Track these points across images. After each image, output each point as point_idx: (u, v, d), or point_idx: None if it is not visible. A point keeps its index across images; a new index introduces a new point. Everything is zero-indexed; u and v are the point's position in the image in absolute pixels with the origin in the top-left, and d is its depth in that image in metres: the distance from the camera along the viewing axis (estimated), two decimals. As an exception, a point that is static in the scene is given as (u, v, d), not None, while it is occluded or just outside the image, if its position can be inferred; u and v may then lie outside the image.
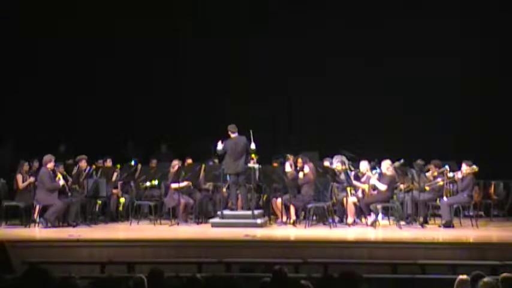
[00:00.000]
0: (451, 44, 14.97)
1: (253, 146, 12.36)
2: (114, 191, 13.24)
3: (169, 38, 15.81)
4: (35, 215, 12.33)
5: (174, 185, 12.68)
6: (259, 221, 12.01)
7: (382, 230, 11.77)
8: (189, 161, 13.58)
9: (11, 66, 15.20)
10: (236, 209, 12.52)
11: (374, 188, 12.24)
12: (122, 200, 13.32)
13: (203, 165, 13.06)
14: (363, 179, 12.56)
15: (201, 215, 12.97)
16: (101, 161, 13.53)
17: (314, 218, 12.33)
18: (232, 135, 12.32)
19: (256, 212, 12.21)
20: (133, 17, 15.56)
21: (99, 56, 15.55)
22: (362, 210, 12.38)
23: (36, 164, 12.91)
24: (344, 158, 13.25)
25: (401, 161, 12.87)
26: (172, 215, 12.71)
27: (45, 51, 15.34)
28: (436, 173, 12.39)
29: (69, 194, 12.32)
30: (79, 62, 15.45)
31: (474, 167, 11.97)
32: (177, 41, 15.93)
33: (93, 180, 12.55)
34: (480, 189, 13.26)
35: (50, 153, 12.29)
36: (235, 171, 12.24)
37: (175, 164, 12.87)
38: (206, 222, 12.61)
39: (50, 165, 12.08)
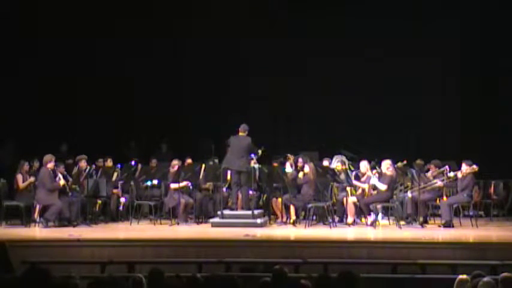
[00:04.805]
0: (451, 44, 14.98)
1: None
2: (114, 191, 13.24)
3: (169, 38, 15.81)
4: (35, 215, 12.33)
5: (174, 185, 12.68)
6: (259, 220, 12.01)
7: (382, 229, 11.78)
8: (189, 161, 13.57)
9: (11, 66, 15.20)
10: (236, 209, 12.52)
11: (374, 187, 12.24)
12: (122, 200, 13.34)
13: (203, 165, 13.07)
14: (363, 179, 12.56)
15: (201, 215, 12.97)
16: (101, 161, 13.54)
17: (314, 217, 12.33)
18: (240, 134, 12.34)
19: (256, 212, 12.22)
20: (133, 16, 15.56)
21: (100, 56, 15.55)
22: (362, 210, 12.38)
23: (36, 164, 12.91)
24: (344, 158, 13.26)
25: (404, 161, 12.88)
26: (172, 215, 12.69)
27: (45, 51, 15.34)
28: (436, 173, 12.40)
29: (69, 193, 12.32)
30: (80, 61, 15.45)
31: (474, 166, 11.96)
32: (177, 41, 15.93)
33: (93, 180, 12.56)
34: (480, 189, 13.26)
35: (50, 153, 12.31)
36: (233, 167, 12.25)
37: (175, 164, 12.88)
38: (206, 222, 12.63)
39: (50, 165, 12.09)
